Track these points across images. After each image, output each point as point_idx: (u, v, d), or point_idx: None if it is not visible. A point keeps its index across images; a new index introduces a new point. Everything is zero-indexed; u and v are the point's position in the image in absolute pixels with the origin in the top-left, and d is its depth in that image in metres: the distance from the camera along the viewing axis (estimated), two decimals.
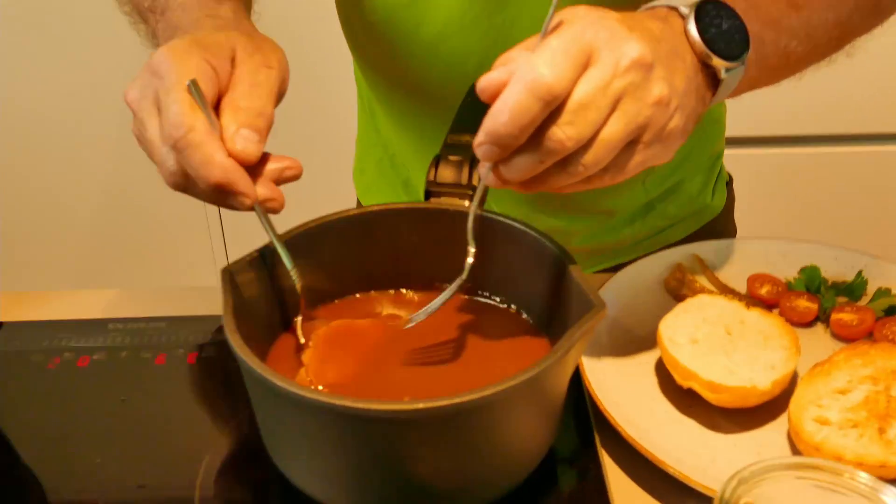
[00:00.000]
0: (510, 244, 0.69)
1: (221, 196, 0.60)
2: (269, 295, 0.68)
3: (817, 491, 0.54)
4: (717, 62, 0.61)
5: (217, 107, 0.62)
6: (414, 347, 0.68)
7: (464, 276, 0.64)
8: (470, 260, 0.63)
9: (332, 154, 1.48)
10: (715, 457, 0.68)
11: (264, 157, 0.62)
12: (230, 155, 0.59)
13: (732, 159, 1.12)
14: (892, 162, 1.87)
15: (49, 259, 2.03)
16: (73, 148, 1.90)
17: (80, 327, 0.83)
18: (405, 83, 0.90)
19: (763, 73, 0.69)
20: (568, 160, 0.56)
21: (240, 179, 0.60)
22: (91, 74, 1.80)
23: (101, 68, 1.78)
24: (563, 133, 0.54)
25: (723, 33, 0.61)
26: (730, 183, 1.10)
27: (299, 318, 0.69)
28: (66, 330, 0.83)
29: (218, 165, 0.59)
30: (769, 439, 0.70)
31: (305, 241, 0.69)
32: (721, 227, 1.06)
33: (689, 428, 0.71)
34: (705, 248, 0.90)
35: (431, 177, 0.70)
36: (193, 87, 0.59)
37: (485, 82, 0.56)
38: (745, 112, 1.06)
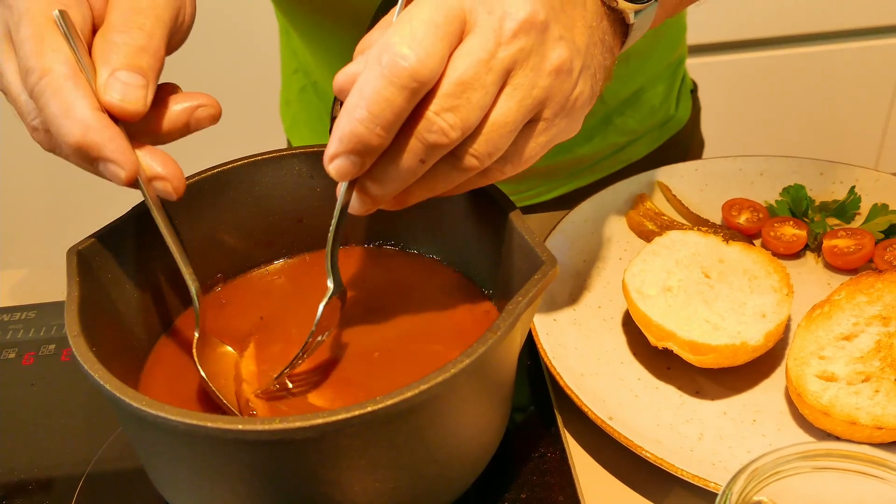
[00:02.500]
0: None
1: (89, 164, 0.46)
2: (141, 281, 0.55)
3: (849, 478, 0.42)
4: (624, 4, 0.50)
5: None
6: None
7: (319, 313, 0.50)
8: (323, 303, 0.50)
9: (257, 86, 1.34)
10: (702, 431, 0.56)
11: (164, 99, 0.49)
12: (106, 109, 0.46)
13: (695, 69, 1.02)
14: (873, 59, 1.74)
15: None
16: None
17: None
18: None
19: (672, 6, 0.58)
20: (456, 153, 0.45)
21: (107, 141, 0.45)
22: None
23: None
24: (444, 121, 0.43)
25: None
26: (694, 91, 1.00)
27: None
28: None
29: (77, 121, 0.44)
30: (765, 402, 0.58)
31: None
32: (687, 139, 0.97)
33: (668, 396, 0.59)
34: (669, 174, 0.77)
35: (337, 111, 0.56)
36: (61, 19, 0.46)
37: (342, 79, 0.45)
38: (706, 17, 0.94)
